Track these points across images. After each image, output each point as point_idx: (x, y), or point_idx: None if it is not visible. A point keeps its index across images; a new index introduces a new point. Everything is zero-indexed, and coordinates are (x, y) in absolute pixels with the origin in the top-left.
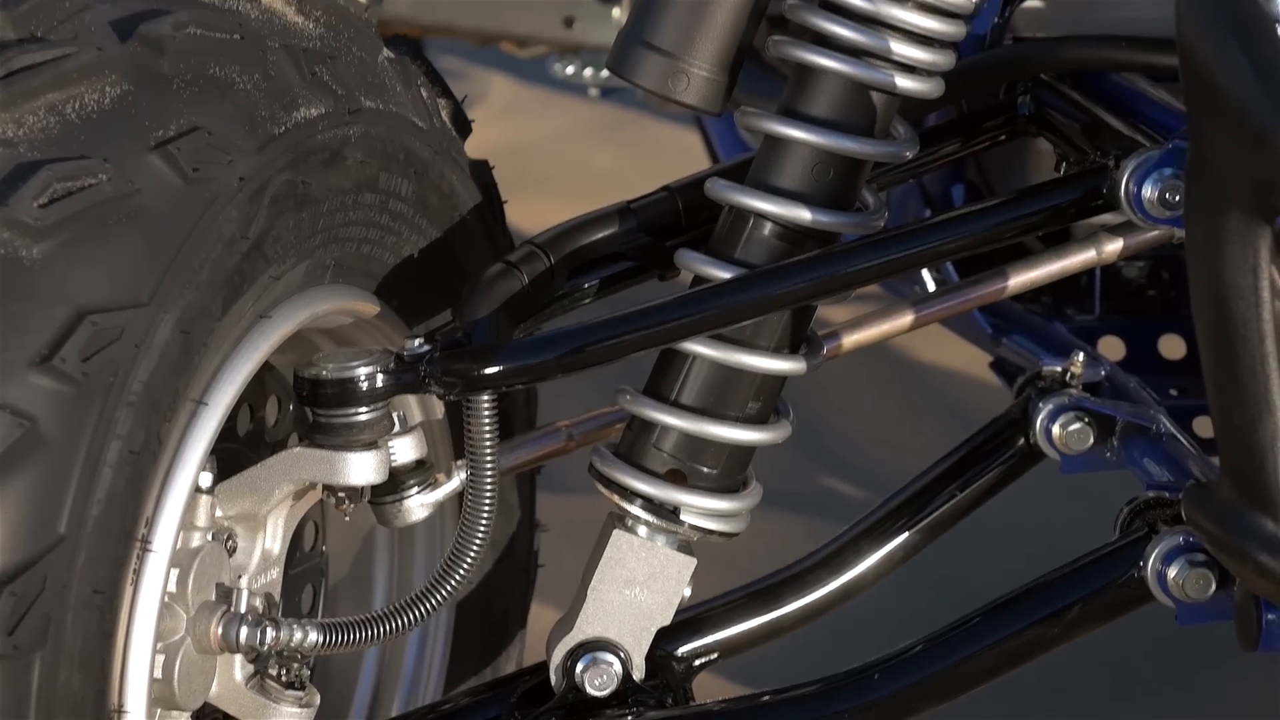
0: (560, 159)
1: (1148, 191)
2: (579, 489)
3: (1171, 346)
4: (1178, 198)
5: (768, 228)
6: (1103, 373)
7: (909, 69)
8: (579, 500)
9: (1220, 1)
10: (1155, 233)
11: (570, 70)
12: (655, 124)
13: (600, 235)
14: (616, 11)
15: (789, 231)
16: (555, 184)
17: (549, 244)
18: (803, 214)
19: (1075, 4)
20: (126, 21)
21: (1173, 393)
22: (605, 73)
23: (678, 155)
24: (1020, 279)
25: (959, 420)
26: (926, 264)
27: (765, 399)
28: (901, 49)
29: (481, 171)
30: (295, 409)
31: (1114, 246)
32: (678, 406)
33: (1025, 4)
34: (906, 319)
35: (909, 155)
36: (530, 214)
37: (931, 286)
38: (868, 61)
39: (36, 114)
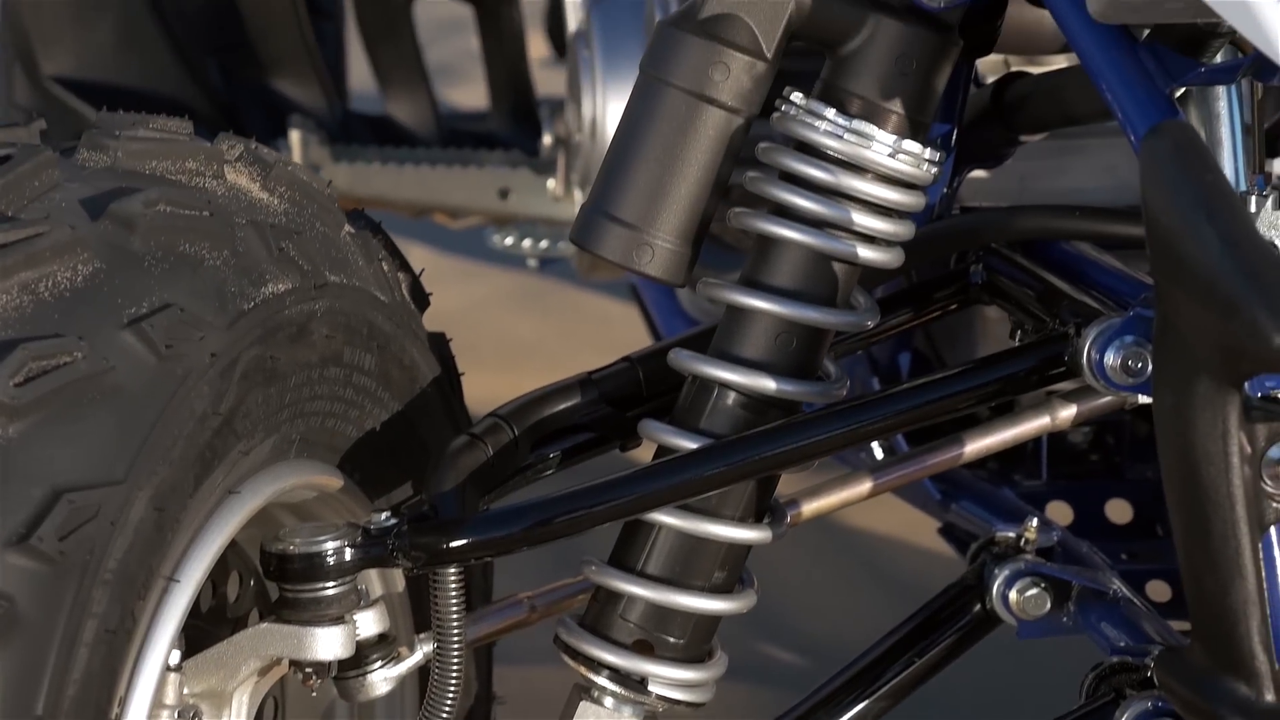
0: (483, 329)
1: (1110, 359)
2: (535, 659)
3: (1118, 511)
4: (1140, 364)
5: (732, 397)
6: (1055, 538)
7: (870, 239)
8: (535, 671)
9: (1184, 173)
10: (1108, 399)
11: (509, 241)
12: (576, 293)
13: (563, 406)
14: (551, 183)
15: (753, 401)
16: (479, 354)
17: (512, 415)
18: (767, 384)
19: (1017, 173)
20: (97, 200)
21: (1124, 557)
22: (544, 243)
23: (599, 324)
24: (976, 446)
25: (895, 587)
26: (892, 432)
27: (731, 568)
28: (863, 220)
29: (439, 344)
30: (256, 584)
31: (1067, 413)
32: (644, 577)
33: (970, 174)
34: (865, 486)
35: (870, 324)
36: None
37: (879, 454)
38: (830, 232)
39: (10, 293)
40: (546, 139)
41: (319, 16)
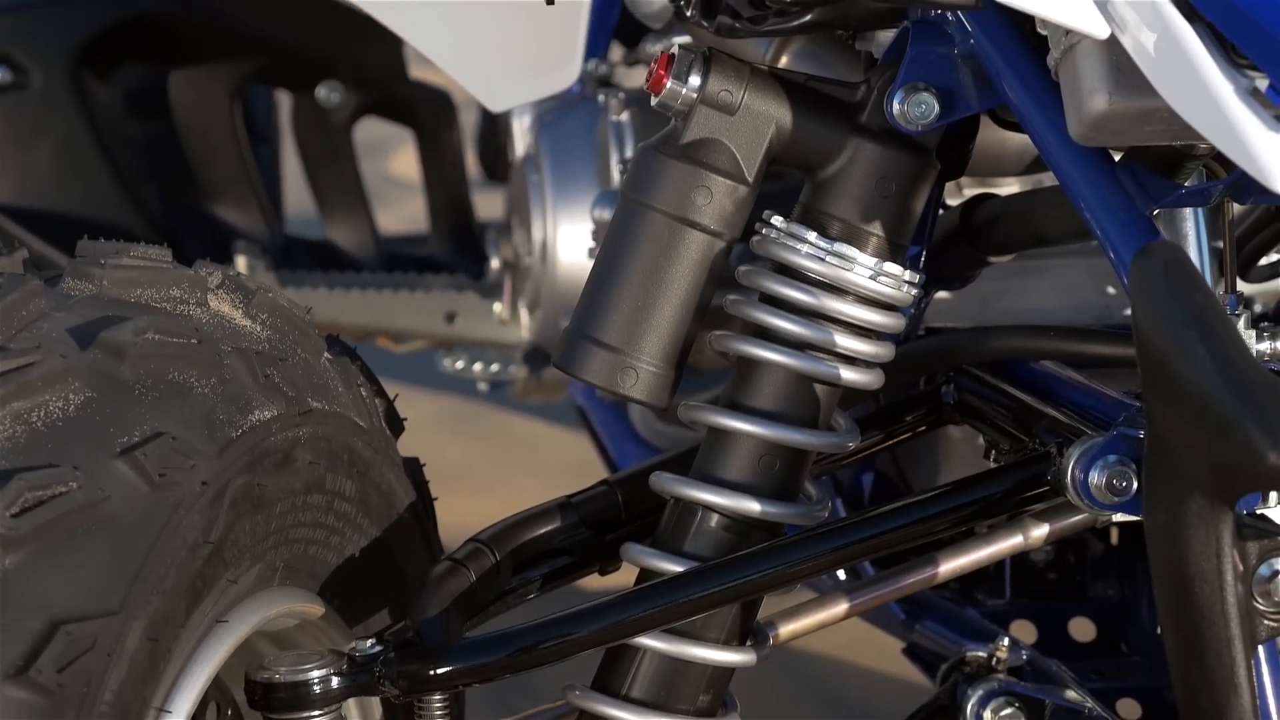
0: (411, 451)
1: (1095, 478)
2: None
3: (1082, 629)
4: (1125, 483)
5: (715, 520)
6: (1024, 656)
7: (852, 361)
8: None
9: (1175, 293)
10: (1080, 517)
11: (459, 365)
12: (503, 415)
13: (543, 530)
14: (498, 306)
15: (737, 523)
16: None
17: (493, 540)
18: (751, 506)
19: (979, 294)
20: (85, 329)
21: (1094, 675)
22: (494, 367)
23: (528, 446)
24: (951, 565)
25: (847, 711)
26: (875, 554)
27: (715, 692)
28: (845, 341)
29: (414, 469)
30: (234, 716)
31: (1040, 532)
32: (629, 701)
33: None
34: (841, 608)
35: (851, 446)
36: None
37: (841, 574)
38: (812, 354)
39: (3, 422)
40: (494, 263)
41: (255, 140)
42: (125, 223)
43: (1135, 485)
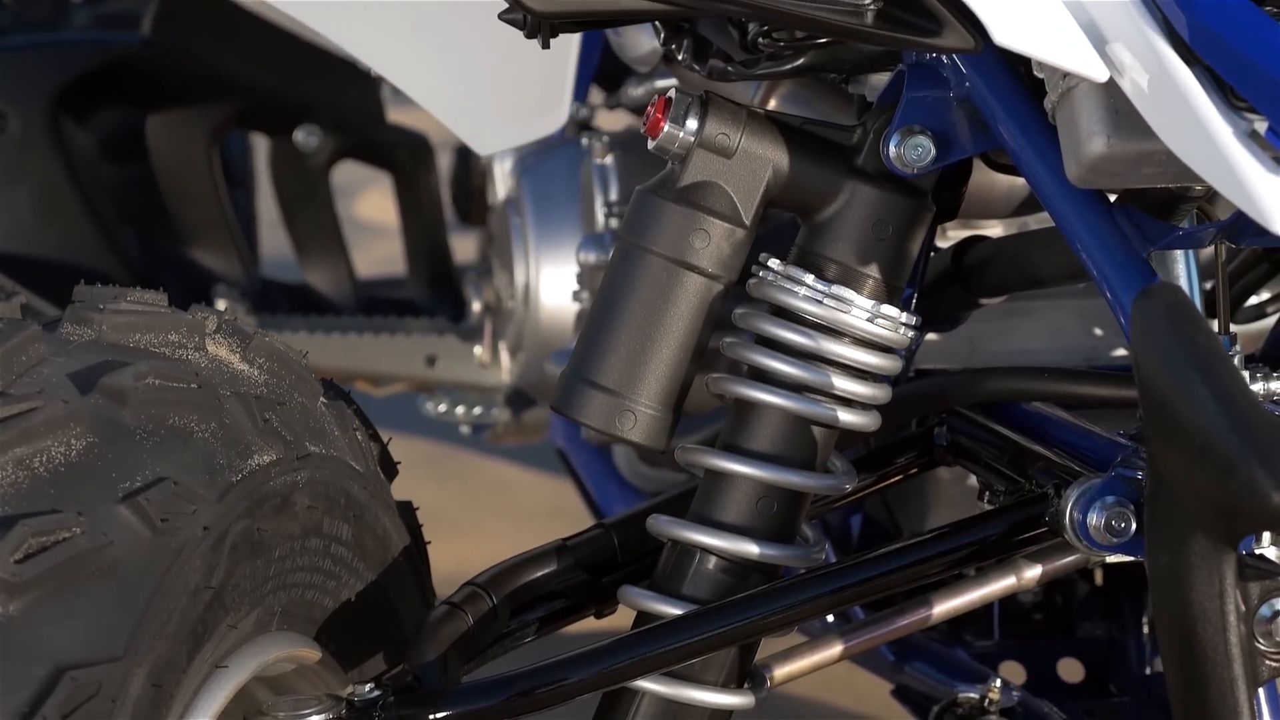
0: None
1: (1094, 520)
2: None
3: (1071, 670)
4: (1124, 524)
5: (713, 562)
6: (1015, 698)
7: (849, 403)
8: None
9: (1176, 334)
10: (1073, 558)
11: (442, 408)
12: (474, 458)
13: (539, 574)
14: (478, 349)
15: (735, 566)
16: None
17: (490, 583)
18: (750, 549)
19: (967, 335)
20: (86, 374)
21: (1085, 717)
22: (477, 410)
23: (499, 489)
24: (945, 607)
25: None
26: (875, 597)
27: None
28: (843, 384)
29: (407, 513)
30: None
31: (1032, 572)
32: None
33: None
34: (836, 650)
35: (849, 488)
36: None
37: (829, 616)
38: (810, 397)
39: (5, 468)
40: (475, 306)
41: (231, 184)
42: (103, 267)
43: (1134, 526)
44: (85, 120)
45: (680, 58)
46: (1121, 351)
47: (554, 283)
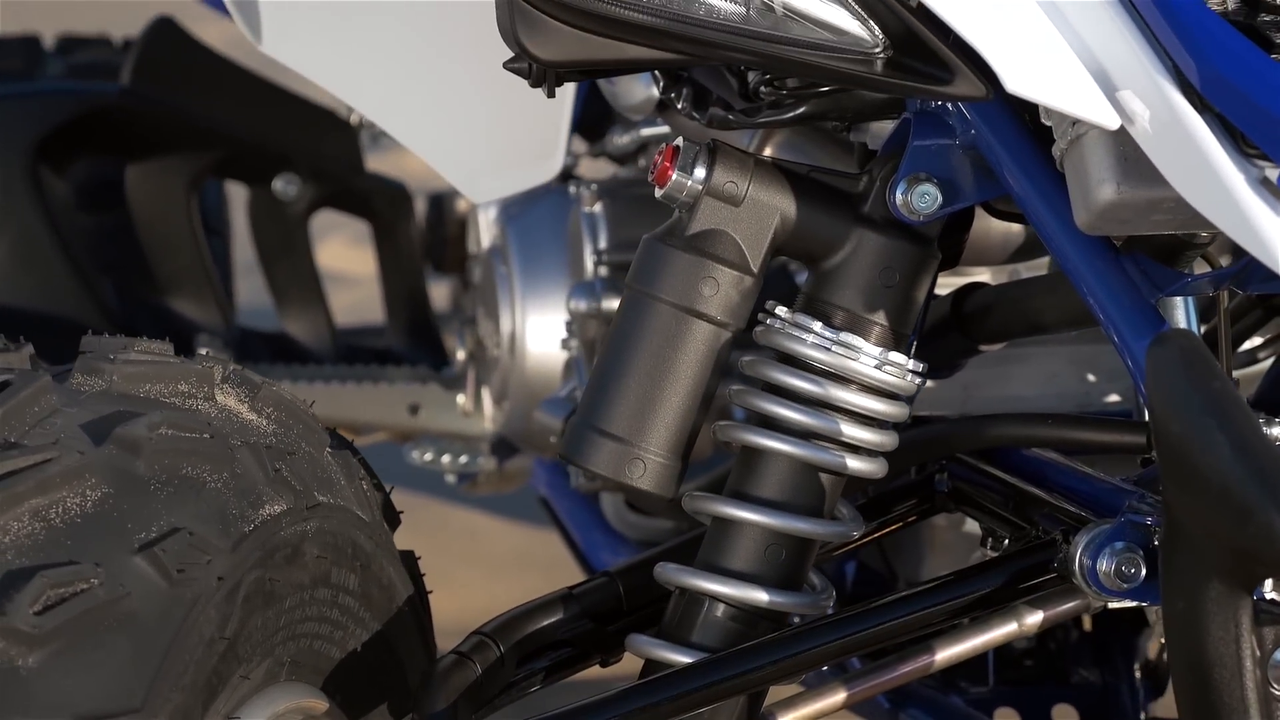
0: None
1: (1104, 565)
2: None
3: (1065, 716)
4: (1134, 570)
5: (722, 610)
6: None
7: (857, 450)
8: None
9: (1192, 381)
10: (1074, 603)
11: (428, 457)
12: (441, 507)
13: (546, 623)
14: (461, 398)
15: (743, 614)
16: None
17: (497, 632)
18: (759, 596)
19: (961, 382)
20: (99, 424)
21: None
22: (463, 458)
23: (468, 538)
24: (947, 653)
25: None
26: (886, 644)
27: None
28: (851, 431)
29: (410, 562)
30: None
31: (1034, 619)
32: None
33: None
34: (839, 696)
35: (856, 535)
36: None
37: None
38: (819, 444)
39: (21, 519)
40: (460, 354)
41: (207, 232)
42: (81, 316)
43: (1144, 572)
44: (63, 169)
45: (680, 106)
46: (1115, 397)
47: (540, 331)
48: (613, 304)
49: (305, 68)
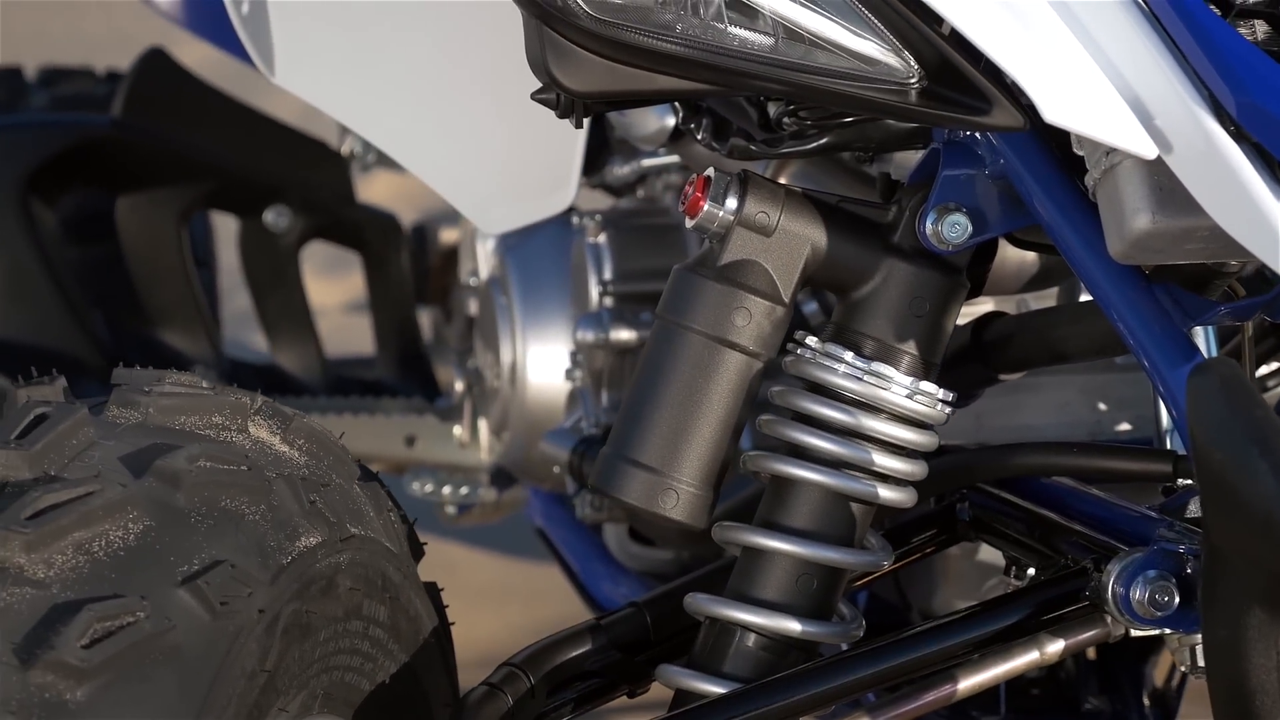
0: None
1: (1136, 594)
2: None
3: None
4: (1167, 598)
5: (753, 640)
6: None
7: (887, 479)
8: None
9: (1233, 409)
10: (1094, 631)
11: (428, 488)
12: (423, 534)
13: (574, 653)
14: (458, 430)
15: (775, 643)
16: None
17: (526, 663)
18: (791, 626)
19: (973, 411)
20: (138, 457)
21: None
22: (464, 490)
23: (446, 571)
24: (970, 682)
25: None
26: (918, 675)
27: None
28: (882, 460)
29: (434, 594)
30: None
31: (1055, 647)
32: None
33: None
34: None
35: (886, 564)
36: None
37: None
38: (850, 473)
39: (65, 553)
40: (458, 385)
41: (195, 264)
42: (72, 348)
43: (1177, 599)
44: (54, 201)
45: (700, 136)
46: (1126, 426)
47: (541, 362)
48: (620, 334)
49: (319, 99)
